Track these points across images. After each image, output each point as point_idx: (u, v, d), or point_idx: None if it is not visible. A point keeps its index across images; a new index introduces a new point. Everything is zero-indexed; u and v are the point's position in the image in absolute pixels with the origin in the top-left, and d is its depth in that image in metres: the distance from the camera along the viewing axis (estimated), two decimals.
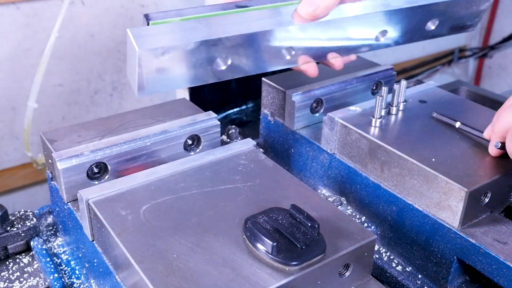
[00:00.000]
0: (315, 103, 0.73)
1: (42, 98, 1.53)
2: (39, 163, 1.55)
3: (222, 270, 0.44)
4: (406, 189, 0.60)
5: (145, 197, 0.53)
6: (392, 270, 0.62)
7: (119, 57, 1.68)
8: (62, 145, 0.59)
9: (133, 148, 0.59)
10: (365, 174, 0.64)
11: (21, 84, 1.51)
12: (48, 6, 1.47)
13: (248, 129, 1.19)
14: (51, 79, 1.56)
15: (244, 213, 0.50)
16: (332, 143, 0.68)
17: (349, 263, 0.48)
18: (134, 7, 1.64)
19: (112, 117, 0.65)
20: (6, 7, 1.41)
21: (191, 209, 0.51)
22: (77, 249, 0.61)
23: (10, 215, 0.63)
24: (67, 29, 1.52)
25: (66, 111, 1.64)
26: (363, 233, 0.49)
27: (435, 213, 0.57)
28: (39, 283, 0.60)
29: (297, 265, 0.44)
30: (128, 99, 1.76)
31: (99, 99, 1.70)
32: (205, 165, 0.58)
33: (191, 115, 0.64)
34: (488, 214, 0.58)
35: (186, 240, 0.47)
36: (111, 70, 1.68)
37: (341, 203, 0.68)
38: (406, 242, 0.61)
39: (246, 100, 1.28)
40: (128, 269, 0.46)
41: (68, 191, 0.57)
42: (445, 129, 0.65)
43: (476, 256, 0.54)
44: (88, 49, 1.60)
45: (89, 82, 1.65)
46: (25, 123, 1.44)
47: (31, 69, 1.50)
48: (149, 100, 1.82)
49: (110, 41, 1.63)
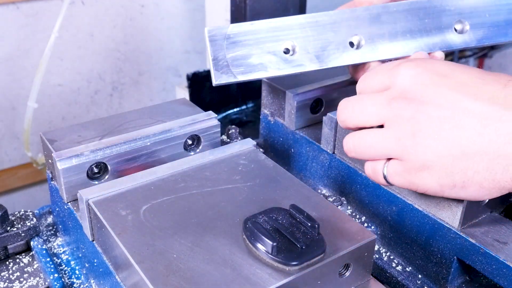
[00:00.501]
0: (315, 103, 0.73)
1: (42, 98, 1.53)
2: (39, 163, 1.55)
3: (222, 270, 0.44)
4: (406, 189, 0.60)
5: (145, 197, 0.53)
6: (392, 270, 0.62)
7: (119, 57, 1.68)
8: (62, 145, 0.59)
9: (133, 148, 0.59)
10: (365, 174, 0.64)
11: (21, 84, 1.52)
12: (48, 6, 1.47)
13: (248, 129, 1.20)
14: (51, 79, 1.56)
15: (244, 213, 0.50)
16: (332, 143, 0.68)
17: (349, 263, 0.48)
18: (134, 7, 1.64)
19: (112, 117, 0.65)
20: (6, 7, 1.42)
21: (191, 209, 0.51)
22: (77, 249, 0.61)
23: (10, 215, 0.63)
24: (67, 29, 1.52)
25: (66, 111, 1.64)
26: (363, 233, 0.49)
27: (435, 213, 0.57)
28: (39, 283, 0.60)
29: (297, 265, 0.44)
30: (128, 99, 1.76)
31: (99, 99, 1.70)
32: (205, 165, 0.58)
33: (191, 115, 0.64)
34: (488, 214, 0.58)
35: (186, 240, 0.47)
36: (111, 70, 1.68)
37: (341, 203, 0.68)
38: (406, 242, 0.61)
39: (246, 100, 1.28)
40: (128, 269, 0.46)
41: (68, 191, 0.57)
42: None
43: (476, 256, 0.54)
44: (88, 49, 1.60)
45: (89, 82, 1.65)
46: (25, 123, 1.44)
47: (31, 69, 1.50)
48: (149, 100, 1.82)
49: (110, 41, 1.64)
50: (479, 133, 0.45)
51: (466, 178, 0.47)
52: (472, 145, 0.46)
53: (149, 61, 1.75)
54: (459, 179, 0.47)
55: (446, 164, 0.47)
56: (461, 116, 0.46)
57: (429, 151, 0.47)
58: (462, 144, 0.46)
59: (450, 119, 0.46)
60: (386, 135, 0.50)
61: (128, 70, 1.71)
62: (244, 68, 0.62)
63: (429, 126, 0.47)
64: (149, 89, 1.79)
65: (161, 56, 1.76)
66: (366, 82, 0.53)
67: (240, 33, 0.63)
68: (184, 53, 1.82)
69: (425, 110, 0.47)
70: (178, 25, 1.75)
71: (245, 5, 1.23)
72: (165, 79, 1.82)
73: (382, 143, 0.50)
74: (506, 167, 0.45)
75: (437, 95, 0.47)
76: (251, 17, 1.23)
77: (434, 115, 0.47)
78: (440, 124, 0.47)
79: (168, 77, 1.82)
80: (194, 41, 1.81)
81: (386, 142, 0.50)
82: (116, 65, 1.68)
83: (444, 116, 0.46)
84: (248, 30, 0.63)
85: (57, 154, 0.56)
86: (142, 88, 1.78)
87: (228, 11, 1.31)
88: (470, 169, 0.46)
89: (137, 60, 1.72)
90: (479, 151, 0.45)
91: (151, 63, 1.75)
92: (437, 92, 0.47)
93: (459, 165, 0.47)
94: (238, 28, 0.63)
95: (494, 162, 0.45)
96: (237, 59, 0.62)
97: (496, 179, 0.46)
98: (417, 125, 0.47)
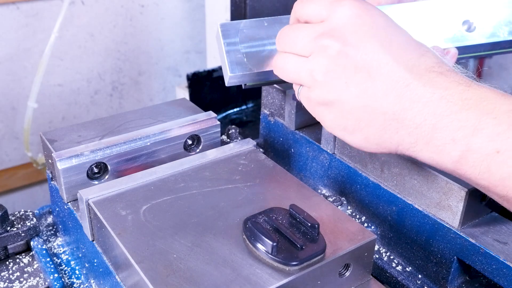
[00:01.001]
0: None
1: (42, 98, 1.53)
2: (39, 163, 1.55)
3: (222, 270, 0.44)
4: (406, 189, 0.60)
5: (145, 197, 0.53)
6: (392, 270, 0.62)
7: (119, 57, 1.68)
8: (62, 145, 0.59)
9: (133, 148, 0.59)
10: (365, 174, 0.64)
11: (21, 84, 1.52)
12: (48, 6, 1.47)
13: (248, 129, 1.20)
14: (51, 79, 1.56)
15: (244, 213, 0.50)
16: (332, 143, 0.68)
17: (349, 263, 0.48)
18: (134, 7, 1.64)
19: (112, 117, 0.65)
20: (6, 7, 1.42)
21: (191, 209, 0.51)
22: (77, 249, 0.61)
23: (10, 215, 0.63)
24: (67, 29, 1.52)
25: (66, 111, 1.64)
26: (363, 233, 0.49)
27: (435, 213, 0.57)
28: (39, 283, 0.60)
29: (297, 265, 0.44)
30: (128, 99, 1.76)
31: (99, 99, 1.70)
32: (205, 165, 0.58)
33: (191, 115, 0.64)
34: (488, 214, 0.58)
35: (186, 240, 0.47)
36: (111, 70, 1.68)
37: (341, 203, 0.68)
38: (406, 242, 0.61)
39: (246, 100, 1.28)
40: (128, 269, 0.46)
41: (68, 191, 0.57)
42: None
43: (476, 256, 0.54)
44: (88, 49, 1.60)
45: (89, 82, 1.65)
46: (25, 123, 1.45)
47: (31, 69, 1.50)
48: (149, 100, 1.82)
49: (110, 41, 1.64)
50: (385, 93, 0.47)
51: (358, 127, 0.50)
52: (374, 101, 0.48)
53: (149, 61, 1.75)
54: (351, 125, 0.50)
55: (344, 108, 0.50)
56: (376, 71, 0.48)
57: (333, 92, 0.50)
58: (366, 96, 0.48)
59: (365, 70, 0.48)
60: (304, 65, 0.52)
61: (128, 70, 1.71)
62: (258, 60, 0.62)
63: (344, 69, 0.49)
64: (149, 89, 1.79)
65: (161, 56, 1.76)
66: (304, 8, 0.54)
67: (253, 28, 0.63)
68: (184, 53, 1.82)
69: (347, 52, 0.49)
70: (178, 25, 1.76)
71: (245, 5, 1.23)
72: (165, 79, 1.82)
73: (299, 70, 0.53)
74: (396, 130, 0.47)
75: (363, 44, 0.48)
76: (251, 17, 1.23)
77: (353, 60, 0.49)
78: (354, 70, 0.49)
79: (168, 77, 1.82)
80: (194, 41, 1.81)
81: (301, 71, 0.52)
82: (116, 65, 1.68)
83: (362, 65, 0.48)
84: (261, 25, 0.63)
85: (57, 154, 0.56)
86: (142, 88, 1.78)
87: (228, 11, 1.31)
88: (364, 121, 0.49)
89: (137, 60, 1.72)
90: (379, 108, 0.48)
91: (151, 63, 1.76)
92: (364, 41, 0.49)
93: (355, 114, 0.49)
94: (251, 23, 0.63)
95: (388, 123, 0.48)
96: (251, 51, 0.62)
97: (383, 137, 0.49)
98: (332, 64, 0.49)
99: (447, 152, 0.45)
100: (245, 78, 0.62)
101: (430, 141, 0.46)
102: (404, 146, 0.48)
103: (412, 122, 0.46)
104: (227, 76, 0.60)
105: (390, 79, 0.47)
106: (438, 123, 0.45)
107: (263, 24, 0.63)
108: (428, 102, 0.46)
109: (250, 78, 0.62)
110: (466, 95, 0.45)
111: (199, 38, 1.80)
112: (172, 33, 1.75)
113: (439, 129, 0.45)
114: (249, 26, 0.62)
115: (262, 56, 0.62)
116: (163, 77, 1.81)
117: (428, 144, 0.46)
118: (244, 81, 0.63)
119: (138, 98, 1.78)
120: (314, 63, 0.51)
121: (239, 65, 0.60)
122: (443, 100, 0.45)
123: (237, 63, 0.60)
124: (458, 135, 0.44)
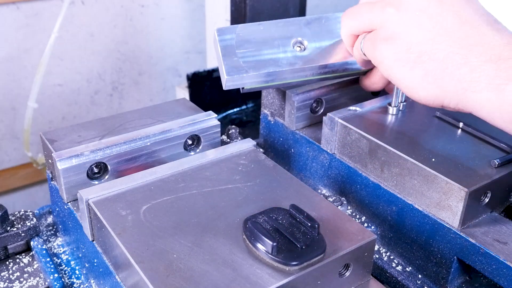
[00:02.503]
0: (315, 103, 0.73)
1: (42, 98, 1.53)
2: (39, 163, 1.55)
3: (222, 270, 0.44)
4: (406, 189, 0.60)
5: (145, 197, 0.53)
6: (392, 270, 0.62)
7: (119, 57, 1.68)
8: (62, 145, 0.59)
9: (133, 148, 0.59)
10: (365, 174, 0.64)
11: (21, 84, 1.52)
12: (48, 6, 1.47)
13: (248, 129, 1.20)
14: (51, 79, 1.56)
15: (244, 213, 0.50)
16: (332, 143, 0.68)
17: (349, 263, 0.48)
18: (134, 7, 1.64)
19: (112, 117, 0.65)
20: (6, 7, 1.42)
21: (191, 209, 0.51)
22: (77, 249, 0.61)
23: (10, 215, 0.63)
24: (67, 29, 1.52)
25: (66, 111, 1.64)
26: (363, 233, 0.49)
27: (435, 213, 0.57)
28: (39, 283, 0.60)
29: (297, 265, 0.44)
30: (128, 99, 1.76)
31: (99, 99, 1.70)
32: (205, 165, 0.58)
33: (191, 115, 0.64)
34: (488, 214, 0.58)
35: (186, 240, 0.47)
36: (111, 70, 1.68)
37: (341, 203, 0.68)
38: (406, 242, 0.61)
39: (246, 100, 1.28)
40: (128, 269, 0.46)
41: (68, 191, 0.57)
42: (444, 129, 0.65)
43: (476, 256, 0.54)
44: (88, 49, 1.60)
45: (89, 82, 1.65)
46: (25, 123, 1.45)
47: (31, 69, 1.50)
48: (149, 100, 1.82)
49: (110, 41, 1.64)
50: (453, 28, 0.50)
51: (419, 61, 0.51)
52: (443, 34, 0.50)
53: (149, 61, 1.75)
54: (413, 59, 0.52)
55: (411, 41, 0.52)
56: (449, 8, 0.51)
57: (403, 24, 0.52)
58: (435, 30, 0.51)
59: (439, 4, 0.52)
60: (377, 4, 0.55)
61: (128, 70, 1.71)
62: (255, 63, 0.62)
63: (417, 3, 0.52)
64: (149, 89, 1.79)
65: (161, 56, 1.76)
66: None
67: (250, 32, 0.63)
68: (184, 53, 1.82)
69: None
70: (178, 25, 1.75)
71: (245, 5, 1.23)
72: (165, 79, 1.82)
73: (372, 9, 0.56)
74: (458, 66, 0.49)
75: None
76: (251, 17, 1.23)
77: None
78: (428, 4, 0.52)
79: (168, 77, 1.82)
80: (194, 41, 1.81)
81: (375, 9, 0.55)
82: (116, 65, 1.68)
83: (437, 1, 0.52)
84: (257, 29, 0.63)
85: (57, 154, 0.56)
86: (142, 88, 1.78)
87: (228, 11, 1.31)
88: (427, 54, 0.51)
89: (137, 60, 1.72)
90: (446, 41, 0.50)
91: (151, 63, 1.75)
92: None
93: (421, 46, 0.51)
94: (247, 27, 0.63)
95: (452, 56, 0.49)
96: (247, 55, 0.62)
97: (444, 73, 0.50)
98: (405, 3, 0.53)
99: (509, 91, 0.46)
100: (242, 82, 0.62)
101: (492, 80, 0.47)
102: (463, 86, 0.49)
103: (477, 60, 0.48)
104: (224, 80, 0.61)
105: (459, 18, 0.50)
106: (502, 64, 0.47)
107: (260, 28, 0.64)
108: (496, 46, 0.48)
109: (247, 81, 0.62)
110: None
111: (199, 38, 1.80)
112: (172, 33, 1.75)
113: (503, 70, 0.47)
114: (245, 30, 0.63)
115: (258, 60, 0.62)
116: (163, 77, 1.81)
117: (490, 84, 0.47)
118: (242, 85, 0.63)
119: (138, 98, 1.78)
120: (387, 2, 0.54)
121: (236, 69, 0.61)
122: (509, 46, 0.48)
123: (234, 67, 0.61)
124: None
